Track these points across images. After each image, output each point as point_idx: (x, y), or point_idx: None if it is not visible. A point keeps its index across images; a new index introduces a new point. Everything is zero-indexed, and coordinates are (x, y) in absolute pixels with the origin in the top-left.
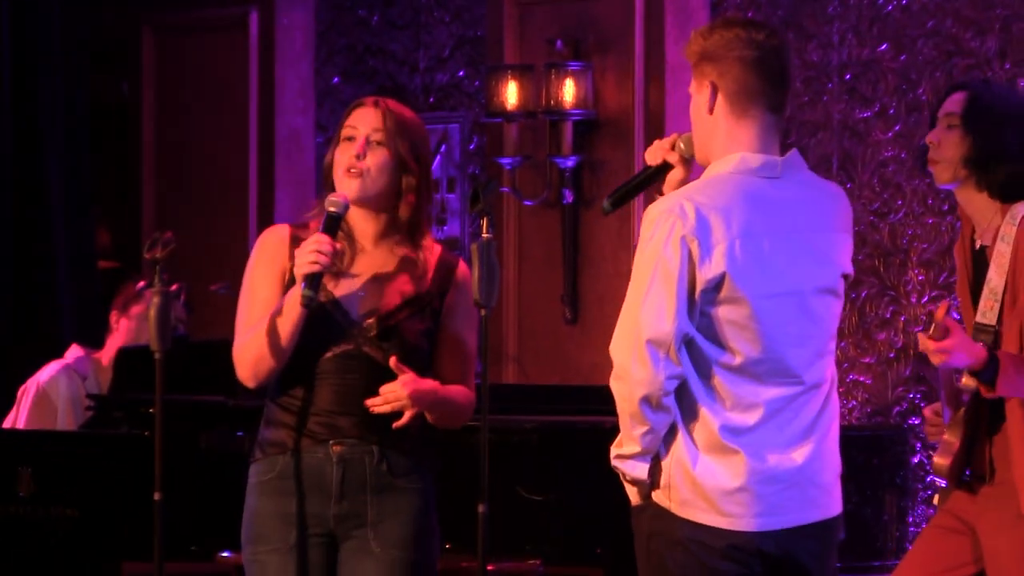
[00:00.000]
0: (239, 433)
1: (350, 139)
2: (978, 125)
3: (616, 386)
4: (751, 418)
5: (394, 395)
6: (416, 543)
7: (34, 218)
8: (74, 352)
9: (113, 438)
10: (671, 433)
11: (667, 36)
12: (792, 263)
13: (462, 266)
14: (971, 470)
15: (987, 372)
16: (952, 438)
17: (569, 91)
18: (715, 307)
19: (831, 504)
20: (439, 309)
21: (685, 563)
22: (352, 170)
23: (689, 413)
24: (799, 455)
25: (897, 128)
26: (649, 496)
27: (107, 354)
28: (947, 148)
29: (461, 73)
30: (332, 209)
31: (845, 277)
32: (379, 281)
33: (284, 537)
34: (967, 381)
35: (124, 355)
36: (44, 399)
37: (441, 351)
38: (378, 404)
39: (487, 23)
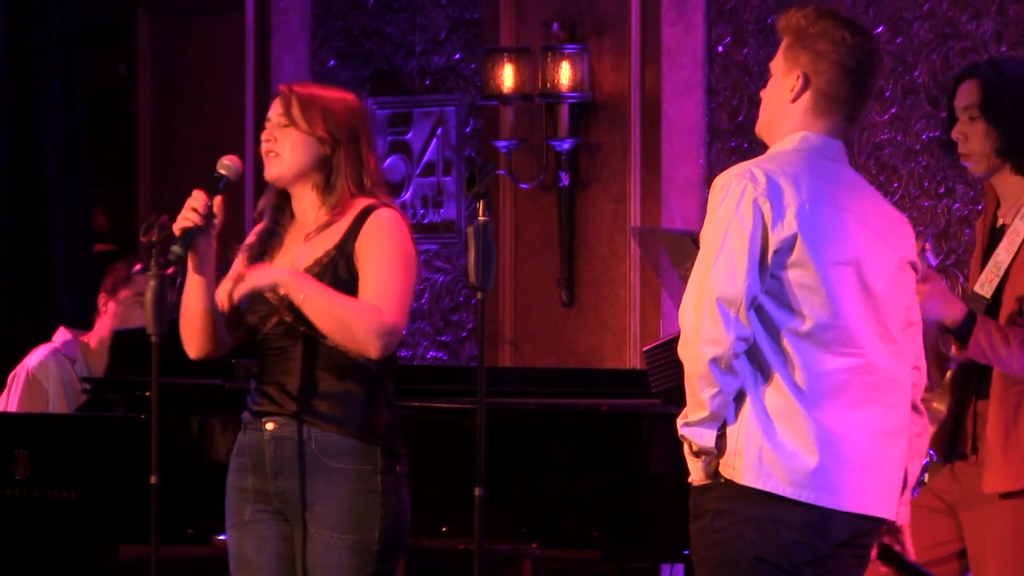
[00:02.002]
0: (235, 416)
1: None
2: (999, 113)
3: (685, 350)
4: (819, 388)
5: (251, 275)
6: (350, 526)
7: (31, 204)
8: (62, 335)
9: (109, 421)
10: (739, 400)
11: (663, 19)
12: (854, 236)
13: (380, 211)
14: (954, 448)
15: (962, 328)
16: (941, 406)
17: (565, 74)
18: (786, 270)
19: (892, 505)
20: (351, 255)
21: (758, 540)
22: (267, 154)
23: (758, 380)
24: (865, 437)
25: (893, 111)
26: (715, 474)
27: (95, 336)
28: (975, 141)
29: (457, 56)
30: (221, 171)
31: (913, 265)
32: (300, 251)
33: (240, 512)
34: (955, 351)
35: (120, 338)
36: (34, 384)
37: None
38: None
39: (483, 5)
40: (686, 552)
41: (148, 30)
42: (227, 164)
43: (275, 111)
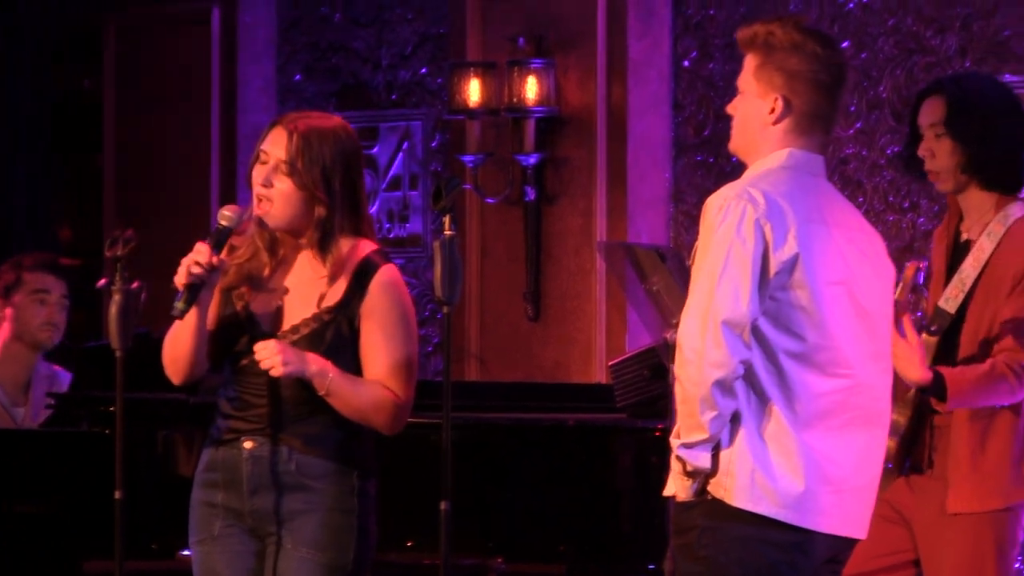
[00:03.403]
0: (200, 431)
1: (263, 162)
2: (965, 130)
3: (686, 371)
4: (810, 410)
5: (266, 350)
6: (328, 544)
7: None
8: None
9: (74, 436)
10: (733, 421)
11: (629, 33)
12: (845, 254)
13: (383, 272)
14: (910, 460)
15: (933, 389)
16: (900, 418)
17: (532, 88)
18: (785, 291)
19: (867, 526)
20: (354, 316)
21: (744, 559)
22: (260, 199)
23: (751, 401)
24: (853, 459)
25: (858, 125)
26: (703, 491)
27: None
28: (942, 158)
29: (424, 70)
30: (223, 223)
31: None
32: (292, 295)
33: (207, 527)
34: (937, 407)
35: (85, 353)
36: None
37: (360, 355)
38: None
39: (450, 20)
40: (651, 566)
41: (114, 44)
42: (228, 215)
43: (275, 149)
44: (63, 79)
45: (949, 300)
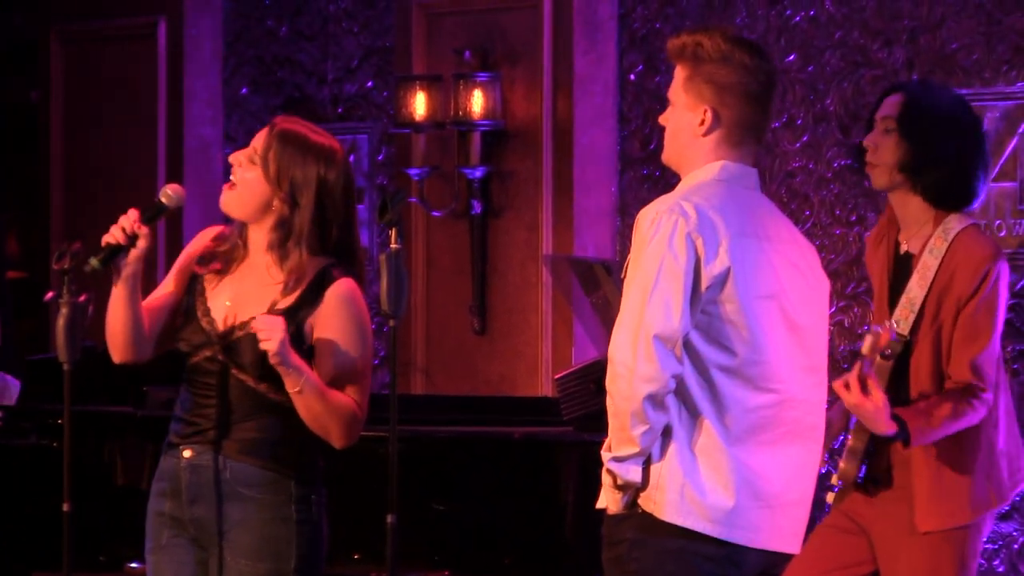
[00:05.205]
0: (149, 443)
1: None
2: (913, 130)
3: (617, 386)
4: (742, 424)
5: (268, 322)
6: (266, 555)
7: None
8: None
9: (22, 449)
10: (664, 435)
11: (575, 47)
12: (776, 268)
13: (340, 284)
14: (868, 472)
15: (899, 436)
16: (858, 443)
17: (477, 102)
18: (717, 305)
19: (800, 540)
20: (304, 324)
21: (676, 572)
22: (230, 182)
23: (683, 415)
24: (783, 475)
25: (805, 139)
26: (634, 504)
27: None
28: (884, 152)
29: (369, 84)
30: (162, 200)
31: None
32: (248, 291)
33: (157, 536)
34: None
35: (32, 365)
36: None
37: (315, 366)
38: (256, 325)
39: (395, 33)
40: None
41: (60, 56)
42: (169, 193)
43: (257, 140)
44: (9, 91)
45: (900, 323)
